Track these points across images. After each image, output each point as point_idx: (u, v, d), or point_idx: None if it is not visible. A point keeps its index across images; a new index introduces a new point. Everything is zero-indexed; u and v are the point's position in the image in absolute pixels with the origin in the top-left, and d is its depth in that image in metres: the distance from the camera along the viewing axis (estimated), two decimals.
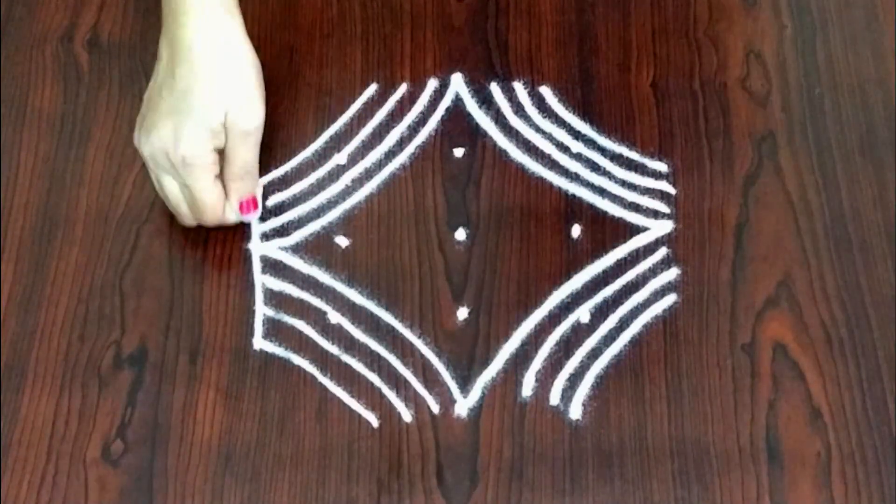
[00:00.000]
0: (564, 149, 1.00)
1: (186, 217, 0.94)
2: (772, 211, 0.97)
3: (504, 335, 0.92)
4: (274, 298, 0.94)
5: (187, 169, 0.91)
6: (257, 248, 0.96)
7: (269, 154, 1.00)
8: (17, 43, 1.06)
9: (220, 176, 0.93)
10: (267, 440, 0.88)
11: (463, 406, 0.89)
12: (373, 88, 1.04)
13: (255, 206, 0.95)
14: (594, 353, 0.91)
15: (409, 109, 1.02)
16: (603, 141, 1.00)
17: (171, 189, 0.93)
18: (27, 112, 1.03)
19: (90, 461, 0.88)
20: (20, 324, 0.93)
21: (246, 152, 0.93)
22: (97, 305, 0.94)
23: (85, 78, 1.04)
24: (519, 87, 1.03)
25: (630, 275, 0.94)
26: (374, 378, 0.91)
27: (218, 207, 0.93)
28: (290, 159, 1.00)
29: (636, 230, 0.96)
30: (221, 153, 0.92)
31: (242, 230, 0.97)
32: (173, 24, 0.91)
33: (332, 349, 0.92)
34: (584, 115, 1.02)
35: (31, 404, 0.90)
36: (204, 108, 0.90)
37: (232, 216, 0.95)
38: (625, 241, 0.96)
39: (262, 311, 0.94)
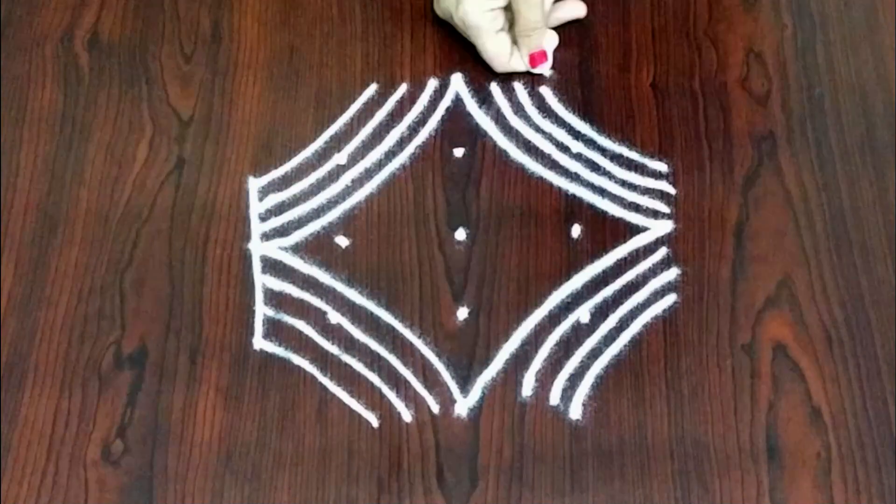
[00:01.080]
0: (564, 149, 1.00)
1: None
2: (772, 211, 0.97)
3: (504, 335, 0.92)
4: (274, 298, 0.94)
5: (473, 29, 1.01)
6: (257, 248, 0.96)
7: (270, 154, 1.00)
8: (17, 43, 1.06)
9: (510, 30, 1.02)
10: (267, 440, 0.88)
11: (463, 406, 0.89)
12: (373, 88, 1.04)
13: (545, 59, 1.03)
14: (594, 353, 0.91)
15: (409, 109, 1.02)
16: (603, 141, 1.00)
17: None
18: (27, 112, 1.03)
19: (90, 461, 0.88)
20: (20, 324, 0.93)
21: (528, 10, 1.00)
22: (97, 305, 0.94)
23: (85, 78, 1.04)
24: (519, 87, 1.03)
25: (630, 275, 0.94)
26: (374, 378, 0.91)
27: (503, 56, 1.02)
28: (290, 159, 1.00)
29: (636, 230, 0.96)
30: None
31: (242, 230, 0.97)
32: None
33: (332, 349, 0.92)
34: (584, 115, 1.02)
35: (31, 404, 0.90)
36: None
37: (520, 65, 1.03)
38: (625, 241, 0.96)
39: (262, 311, 0.94)
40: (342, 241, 0.97)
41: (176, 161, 1.00)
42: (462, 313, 0.93)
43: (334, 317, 0.93)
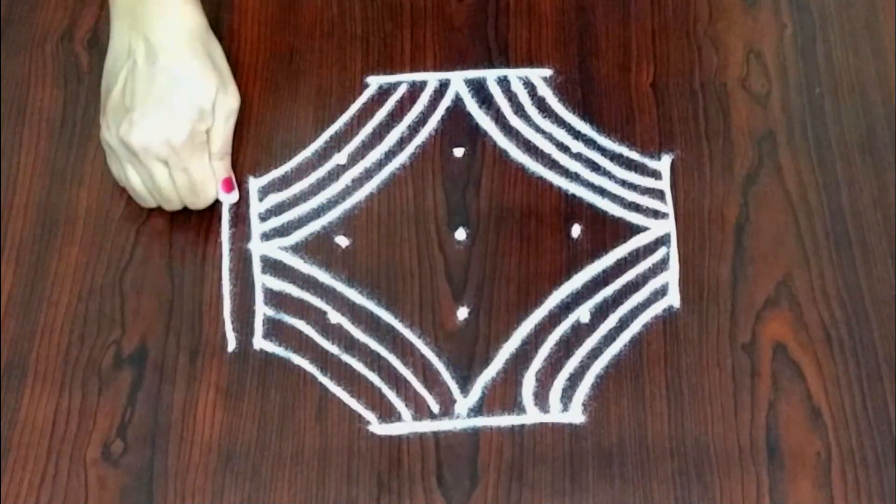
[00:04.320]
0: (564, 149, 1.00)
1: (174, 203, 0.95)
2: (772, 211, 0.97)
3: (504, 335, 0.92)
4: (274, 298, 0.94)
5: (186, 151, 0.93)
6: (257, 248, 0.96)
7: (269, 154, 1.00)
8: (17, 43, 1.06)
9: None
10: (267, 440, 0.88)
11: (463, 406, 0.89)
12: (373, 88, 1.04)
13: (234, 186, 0.97)
14: (594, 353, 0.91)
15: (409, 109, 1.02)
16: (603, 141, 1.00)
17: (162, 177, 0.93)
18: (27, 112, 1.03)
19: (90, 461, 0.88)
20: (20, 324, 0.93)
21: (228, 131, 0.97)
22: (97, 305, 0.94)
23: (85, 78, 1.04)
24: (519, 88, 1.03)
25: (630, 275, 0.94)
26: (374, 378, 0.91)
27: (213, 184, 0.96)
28: (290, 159, 1.00)
29: (636, 230, 0.96)
30: None
31: (242, 230, 0.97)
32: (144, 18, 0.94)
33: (332, 349, 0.92)
34: (584, 115, 1.02)
35: (31, 404, 0.90)
36: (196, 91, 0.94)
37: (215, 195, 0.97)
38: (625, 241, 0.96)
39: (262, 311, 0.94)
40: (342, 241, 0.97)
41: None
42: (462, 313, 0.93)
43: (334, 317, 0.93)
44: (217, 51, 0.98)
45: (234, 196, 0.97)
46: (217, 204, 0.98)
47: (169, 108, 0.92)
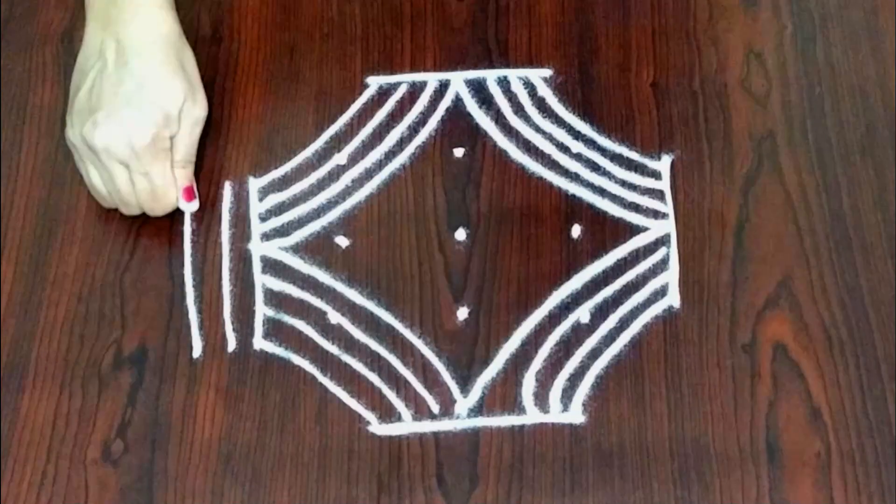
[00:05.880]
0: (564, 149, 1.00)
1: (133, 207, 0.95)
2: (772, 211, 0.97)
3: (504, 335, 0.92)
4: (274, 298, 0.94)
5: (148, 155, 0.92)
6: (257, 248, 0.96)
7: (269, 154, 1.00)
8: (17, 43, 1.06)
9: None
10: (267, 440, 0.88)
11: (463, 406, 0.89)
12: (373, 88, 1.04)
13: (195, 195, 0.96)
14: (594, 353, 0.91)
15: (409, 109, 1.02)
16: (603, 141, 1.00)
17: (122, 179, 0.93)
18: (27, 112, 1.03)
19: (90, 461, 0.88)
20: (20, 324, 0.93)
21: (193, 139, 0.96)
22: (97, 305, 0.94)
23: None
24: (519, 88, 1.03)
25: (630, 275, 0.94)
26: (374, 378, 0.91)
27: (174, 191, 0.95)
28: (290, 159, 1.00)
29: (636, 230, 0.96)
30: None
31: (242, 230, 0.97)
32: (118, 20, 0.94)
33: (332, 349, 0.92)
34: (584, 115, 1.02)
35: (31, 404, 0.90)
36: (163, 97, 0.93)
37: (176, 202, 0.96)
38: (625, 241, 0.96)
39: (262, 311, 0.94)
40: (342, 241, 0.97)
41: None
42: (462, 313, 0.93)
43: (334, 317, 0.93)
44: (189, 58, 0.97)
45: (195, 205, 0.96)
46: (217, 204, 0.98)
47: (134, 111, 0.91)
